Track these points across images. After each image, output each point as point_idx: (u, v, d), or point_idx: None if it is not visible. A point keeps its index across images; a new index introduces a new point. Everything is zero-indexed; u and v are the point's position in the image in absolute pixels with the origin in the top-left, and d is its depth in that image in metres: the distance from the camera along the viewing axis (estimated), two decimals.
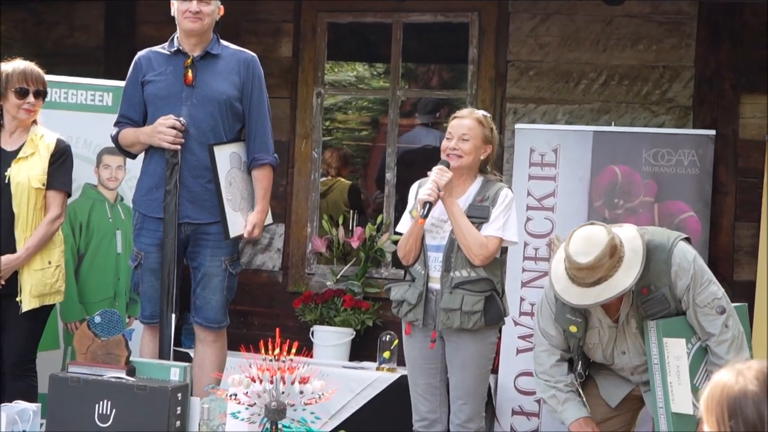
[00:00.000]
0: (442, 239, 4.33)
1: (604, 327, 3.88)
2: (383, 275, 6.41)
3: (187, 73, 4.62)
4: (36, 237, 4.67)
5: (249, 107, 4.70)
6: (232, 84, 4.66)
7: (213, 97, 4.62)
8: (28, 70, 4.74)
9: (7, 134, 4.76)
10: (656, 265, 3.73)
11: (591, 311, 3.86)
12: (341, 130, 10.11)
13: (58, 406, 4.07)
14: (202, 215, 4.62)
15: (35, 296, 4.66)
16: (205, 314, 4.68)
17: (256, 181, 4.73)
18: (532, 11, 6.20)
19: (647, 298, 3.75)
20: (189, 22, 4.58)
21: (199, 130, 4.59)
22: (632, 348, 3.89)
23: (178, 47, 4.67)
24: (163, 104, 4.61)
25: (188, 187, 4.60)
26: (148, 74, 4.68)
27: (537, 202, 5.65)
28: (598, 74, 6.10)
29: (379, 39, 7.15)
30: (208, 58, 4.67)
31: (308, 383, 3.70)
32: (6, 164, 4.69)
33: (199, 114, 4.60)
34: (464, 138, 4.35)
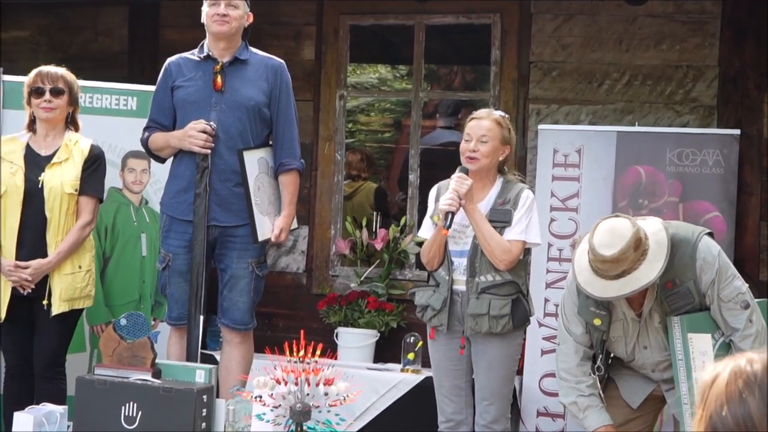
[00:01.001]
0: (465, 245, 4.33)
1: (628, 320, 3.87)
2: (407, 277, 6.41)
3: (216, 78, 4.65)
4: (67, 242, 4.71)
5: (277, 113, 4.72)
6: (260, 90, 4.69)
7: (242, 102, 4.65)
8: (44, 70, 4.78)
9: (41, 138, 4.80)
10: (681, 260, 3.71)
11: (615, 304, 3.84)
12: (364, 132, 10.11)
13: (84, 408, 4.09)
14: (230, 218, 4.65)
15: (65, 300, 4.69)
16: (232, 316, 4.70)
17: (282, 186, 4.76)
18: (554, 12, 6.19)
19: (672, 292, 3.73)
20: (217, 25, 4.61)
21: (227, 135, 4.62)
22: (654, 343, 3.87)
23: (207, 53, 4.70)
24: (192, 109, 4.64)
25: (216, 191, 4.63)
26: (177, 80, 4.71)
27: (561, 202, 5.64)
28: (622, 74, 6.08)
29: (401, 41, 7.16)
30: (237, 64, 4.69)
31: (333, 385, 3.71)
32: (40, 169, 4.72)
33: (228, 119, 4.63)
34: (483, 140, 4.34)
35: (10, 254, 4.67)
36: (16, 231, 4.67)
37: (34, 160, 4.75)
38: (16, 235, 4.67)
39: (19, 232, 4.68)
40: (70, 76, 4.84)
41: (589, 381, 3.94)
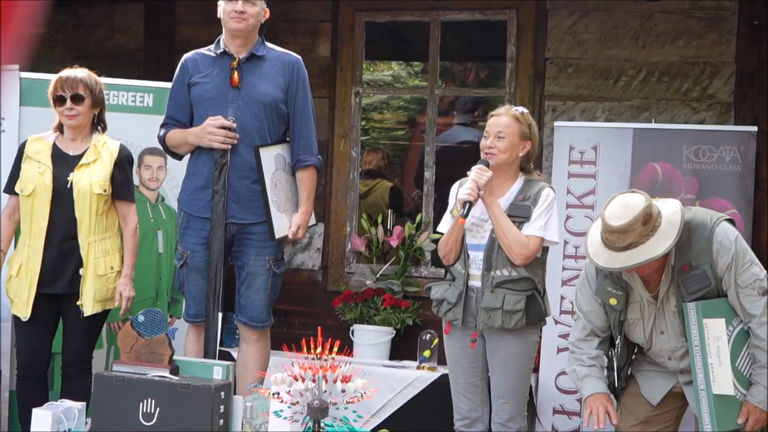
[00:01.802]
0: (483, 238, 4.33)
1: (644, 302, 3.88)
2: (423, 274, 6.41)
3: (233, 75, 4.64)
4: (130, 251, 4.79)
5: (293, 109, 4.72)
6: (277, 86, 4.68)
7: (259, 99, 4.64)
8: (64, 76, 4.77)
9: (68, 140, 4.81)
10: (697, 243, 3.73)
11: (632, 285, 3.86)
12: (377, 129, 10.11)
13: (102, 405, 4.11)
14: (247, 215, 4.65)
15: (98, 301, 4.71)
16: (249, 313, 4.71)
17: (300, 182, 4.75)
18: (570, 8, 6.18)
19: (688, 275, 3.75)
20: (234, 22, 4.60)
21: (244, 132, 4.62)
22: (671, 329, 3.87)
23: (224, 49, 4.69)
24: (209, 106, 4.64)
25: (234, 188, 4.63)
26: (194, 76, 4.71)
27: (577, 200, 5.63)
28: (638, 71, 6.07)
29: (417, 38, 7.15)
30: (254, 60, 4.68)
31: (350, 382, 3.71)
32: (69, 168, 4.74)
33: (245, 116, 4.62)
34: (500, 136, 4.34)
35: (38, 255, 4.68)
36: (45, 231, 4.68)
37: (62, 160, 4.75)
38: (44, 235, 4.68)
39: (46, 232, 4.70)
40: (91, 78, 4.81)
41: (591, 353, 4.01)
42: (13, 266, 4.73)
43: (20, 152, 4.84)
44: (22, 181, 4.74)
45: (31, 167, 4.74)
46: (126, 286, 4.75)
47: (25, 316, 4.69)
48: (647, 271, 3.76)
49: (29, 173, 4.73)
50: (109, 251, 4.77)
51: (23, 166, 4.77)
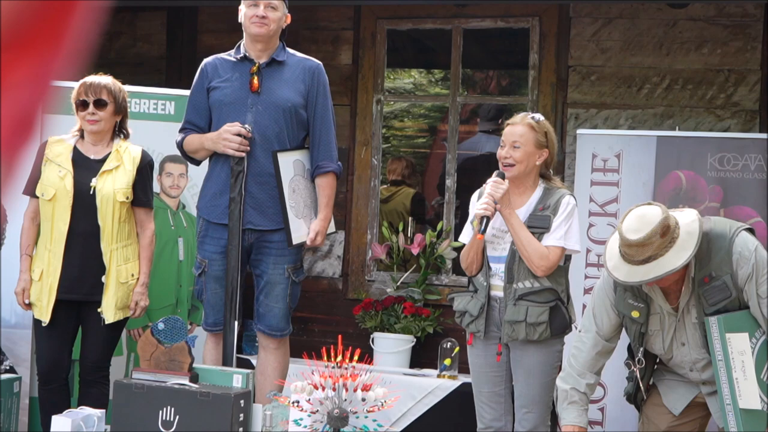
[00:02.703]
0: (503, 250, 4.29)
1: (665, 313, 3.84)
2: (444, 282, 6.38)
3: (253, 79, 4.63)
4: (147, 259, 4.78)
5: (314, 115, 4.69)
6: (297, 92, 4.66)
7: (278, 104, 4.62)
8: (88, 82, 4.76)
9: (90, 144, 4.81)
10: (717, 254, 3.69)
11: (652, 297, 3.82)
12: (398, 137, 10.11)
13: (122, 412, 4.10)
14: (265, 222, 4.62)
15: (120, 308, 4.70)
16: (268, 322, 4.68)
17: (319, 188, 4.72)
18: (593, 15, 6.14)
19: (709, 287, 3.71)
20: (255, 27, 4.59)
21: (264, 138, 4.60)
22: (692, 340, 3.83)
23: (244, 54, 4.67)
24: (228, 111, 4.62)
25: (252, 194, 4.61)
26: (214, 80, 4.69)
27: (599, 208, 5.58)
28: (662, 78, 6.03)
29: (438, 45, 7.14)
30: (274, 66, 4.67)
31: (371, 390, 3.69)
32: (90, 172, 4.73)
33: (264, 121, 4.60)
34: (515, 145, 4.29)
35: (58, 259, 4.68)
36: (65, 236, 4.67)
37: (83, 164, 4.74)
38: (65, 239, 4.67)
39: (67, 236, 4.69)
40: (114, 85, 4.80)
41: (591, 380, 3.96)
42: (35, 270, 4.73)
43: (40, 154, 4.82)
44: (43, 184, 4.73)
45: (51, 170, 4.73)
46: (142, 295, 4.74)
47: (45, 321, 4.68)
48: (667, 283, 3.72)
49: (50, 177, 4.72)
50: (130, 258, 4.76)
51: (44, 168, 4.75)
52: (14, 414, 4.76)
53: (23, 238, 4.81)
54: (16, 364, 5.46)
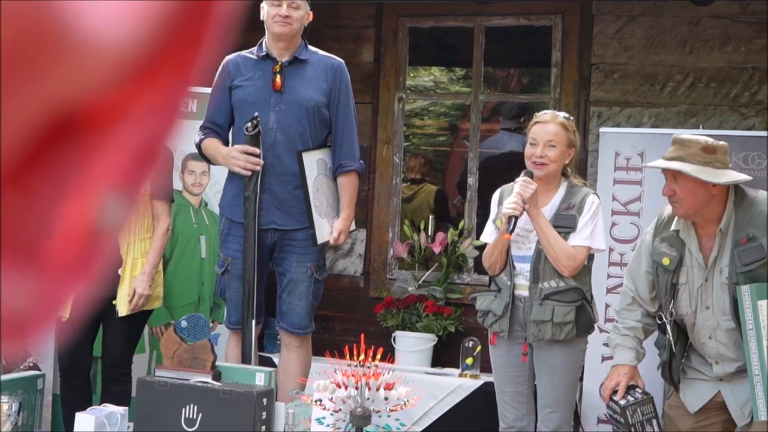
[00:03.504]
0: (528, 249, 4.27)
1: (695, 268, 3.88)
2: (465, 281, 6.37)
3: (275, 78, 4.62)
4: (156, 250, 4.78)
5: (336, 113, 4.68)
6: (320, 90, 4.65)
7: (301, 103, 4.61)
8: None
9: None
10: (757, 217, 3.78)
11: (687, 245, 3.89)
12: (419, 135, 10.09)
13: (145, 410, 4.11)
14: (289, 221, 4.62)
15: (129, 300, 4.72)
16: (291, 320, 4.68)
17: (341, 187, 4.72)
18: (616, 13, 6.11)
19: (744, 248, 3.77)
20: (278, 26, 4.58)
21: (287, 137, 4.59)
22: (716, 304, 3.85)
23: (266, 52, 4.67)
24: (251, 109, 4.61)
25: (275, 194, 4.60)
26: (236, 79, 4.68)
27: (622, 206, 5.55)
28: (685, 76, 5.99)
29: (460, 43, 7.12)
30: (297, 64, 4.66)
31: (393, 390, 3.68)
32: None
33: (287, 120, 4.60)
34: (551, 144, 4.26)
35: None
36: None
37: None
38: None
39: None
40: None
41: (629, 323, 4.06)
42: None
43: None
44: None
45: None
46: (142, 283, 4.72)
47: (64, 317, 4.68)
48: (682, 194, 3.80)
49: None
50: (147, 252, 4.77)
51: None
52: (38, 411, 4.78)
53: None
54: (40, 361, 5.48)
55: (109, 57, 0.43)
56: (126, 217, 0.47)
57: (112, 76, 0.44)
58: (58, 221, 0.43)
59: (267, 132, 4.60)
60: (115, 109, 0.45)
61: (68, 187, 0.43)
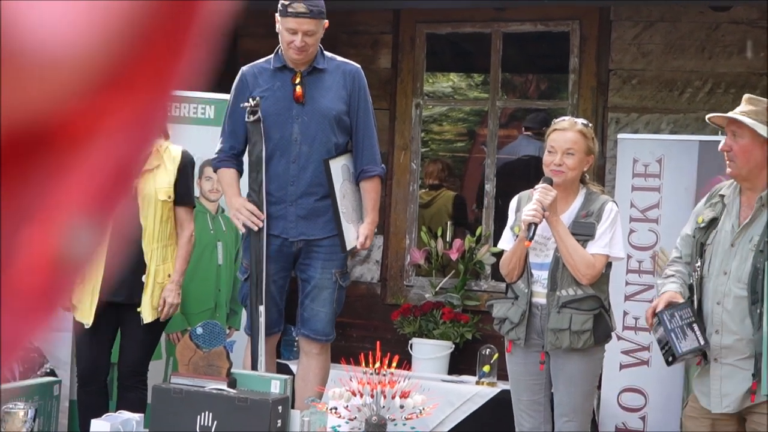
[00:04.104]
0: (546, 257, 4.25)
1: (725, 230, 3.90)
2: (483, 288, 6.34)
3: (296, 89, 4.60)
4: (182, 258, 4.78)
5: (356, 120, 4.68)
6: (340, 98, 4.64)
7: (323, 113, 4.60)
8: None
9: None
10: None
11: (729, 209, 3.93)
12: (437, 141, 10.08)
13: (160, 417, 4.10)
14: (317, 231, 4.62)
15: (155, 308, 4.72)
16: (313, 326, 4.67)
17: (365, 192, 4.72)
18: (634, 19, 6.08)
19: None
20: (293, 53, 4.53)
21: (311, 148, 4.59)
22: (735, 271, 3.82)
23: (284, 63, 4.64)
24: (273, 122, 4.60)
25: (302, 205, 4.60)
26: (255, 91, 4.65)
27: (641, 213, 5.52)
28: (704, 82, 5.95)
29: (478, 49, 7.10)
30: (316, 73, 4.63)
31: (409, 397, 3.66)
32: None
33: (310, 131, 4.59)
34: (569, 152, 4.24)
35: (100, 260, 4.67)
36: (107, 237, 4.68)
37: None
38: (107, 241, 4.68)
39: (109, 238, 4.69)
40: None
41: (673, 267, 4.11)
42: None
43: None
44: None
45: None
46: (172, 292, 4.74)
47: (88, 323, 4.71)
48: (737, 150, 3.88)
49: None
50: (168, 259, 4.78)
51: None
52: (54, 417, 4.78)
53: None
54: (57, 367, 5.49)
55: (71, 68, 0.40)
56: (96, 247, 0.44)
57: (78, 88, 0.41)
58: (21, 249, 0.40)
59: (291, 144, 4.59)
60: (84, 125, 0.42)
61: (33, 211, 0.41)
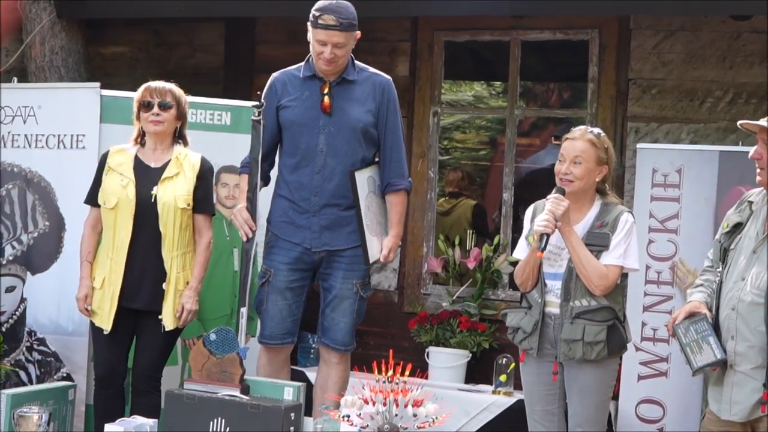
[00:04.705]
0: (560, 267, 4.23)
1: (749, 237, 3.86)
2: (500, 297, 6.32)
3: (323, 99, 4.59)
4: (201, 265, 4.81)
5: (384, 132, 4.67)
6: (368, 110, 4.63)
7: (351, 125, 4.59)
8: (153, 85, 4.84)
9: (150, 152, 4.85)
10: None
11: (756, 215, 3.88)
12: (459, 149, 10.06)
13: (173, 422, 4.10)
14: (340, 241, 4.62)
15: (177, 315, 4.74)
16: (333, 336, 4.66)
17: (391, 205, 4.71)
18: (655, 27, 6.05)
19: None
20: (323, 64, 4.53)
21: (336, 159, 4.59)
22: (754, 278, 3.77)
23: (314, 72, 4.63)
24: (301, 131, 4.60)
25: (325, 215, 4.61)
26: (283, 98, 4.65)
27: (659, 224, 5.48)
28: (725, 92, 5.92)
29: (496, 57, 7.08)
30: (345, 84, 4.62)
31: (422, 406, 3.64)
32: (151, 181, 4.77)
33: (337, 142, 4.58)
34: (576, 161, 4.22)
35: (120, 268, 4.72)
36: (127, 244, 4.72)
37: (144, 173, 4.79)
38: (126, 248, 4.72)
39: (129, 245, 4.72)
40: (178, 90, 4.88)
41: (703, 276, 4.06)
42: (96, 278, 4.77)
43: (102, 163, 4.88)
44: (105, 193, 4.78)
45: (113, 179, 4.79)
46: (190, 299, 4.76)
47: (107, 329, 4.73)
48: None
49: (112, 186, 4.77)
50: (187, 266, 4.79)
51: (105, 178, 4.81)
52: (68, 421, 4.80)
53: (84, 246, 4.87)
54: (73, 371, 5.51)
55: None
56: None
57: None
58: None
59: (317, 155, 4.60)
60: None
61: None
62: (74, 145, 5.64)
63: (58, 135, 5.67)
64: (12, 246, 5.67)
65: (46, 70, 6.40)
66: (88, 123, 5.62)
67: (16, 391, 4.55)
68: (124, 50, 7.39)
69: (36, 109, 5.73)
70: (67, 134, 5.65)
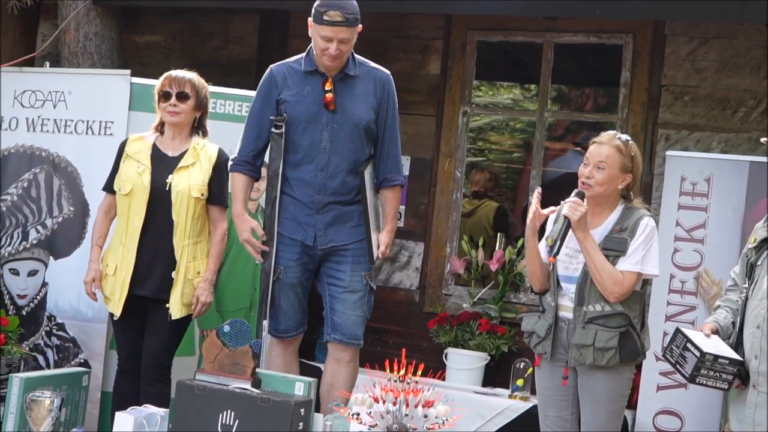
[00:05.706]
0: (575, 270, 4.18)
1: None
2: (521, 300, 6.27)
3: (326, 96, 4.57)
4: (215, 257, 4.83)
5: (383, 127, 4.66)
6: (370, 107, 4.61)
7: (354, 122, 4.57)
8: (173, 75, 4.85)
9: (168, 140, 4.87)
10: None
11: None
12: (493, 151, 10.01)
13: (183, 413, 4.10)
14: (344, 237, 4.61)
15: (185, 305, 4.75)
16: (344, 330, 4.63)
17: (386, 200, 4.70)
18: (689, 34, 5.98)
19: None
20: (327, 60, 4.50)
21: (340, 156, 4.57)
22: None
23: (315, 67, 4.60)
24: (303, 128, 4.57)
25: (329, 212, 4.59)
26: (283, 92, 4.61)
27: (686, 232, 5.41)
28: (758, 102, 5.83)
29: (529, 59, 7.03)
30: (347, 80, 4.59)
31: (432, 407, 3.61)
32: (167, 169, 4.78)
33: (340, 139, 4.57)
34: (600, 166, 4.16)
35: (132, 254, 4.73)
36: (139, 231, 4.74)
37: (160, 161, 4.81)
38: (138, 234, 4.74)
39: (141, 232, 4.74)
40: (198, 81, 4.88)
41: (725, 296, 4.11)
42: (109, 264, 4.79)
43: (120, 150, 4.90)
44: (120, 179, 4.80)
45: (130, 166, 4.81)
46: (205, 290, 4.77)
47: (117, 315, 4.75)
48: None
49: (128, 172, 4.79)
50: (198, 256, 4.80)
51: (122, 164, 4.84)
52: (81, 407, 4.80)
53: (95, 230, 4.90)
54: (91, 358, 5.53)
55: None
56: None
57: None
58: None
59: (320, 152, 4.57)
60: None
61: None
62: (102, 132, 5.67)
63: (87, 121, 5.70)
64: (36, 230, 5.70)
65: (79, 56, 6.42)
66: (117, 110, 5.65)
67: (29, 375, 4.55)
68: (158, 39, 7.41)
69: (66, 94, 5.76)
70: (95, 120, 5.68)
